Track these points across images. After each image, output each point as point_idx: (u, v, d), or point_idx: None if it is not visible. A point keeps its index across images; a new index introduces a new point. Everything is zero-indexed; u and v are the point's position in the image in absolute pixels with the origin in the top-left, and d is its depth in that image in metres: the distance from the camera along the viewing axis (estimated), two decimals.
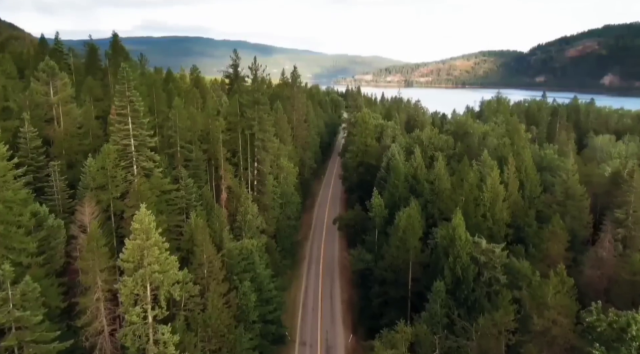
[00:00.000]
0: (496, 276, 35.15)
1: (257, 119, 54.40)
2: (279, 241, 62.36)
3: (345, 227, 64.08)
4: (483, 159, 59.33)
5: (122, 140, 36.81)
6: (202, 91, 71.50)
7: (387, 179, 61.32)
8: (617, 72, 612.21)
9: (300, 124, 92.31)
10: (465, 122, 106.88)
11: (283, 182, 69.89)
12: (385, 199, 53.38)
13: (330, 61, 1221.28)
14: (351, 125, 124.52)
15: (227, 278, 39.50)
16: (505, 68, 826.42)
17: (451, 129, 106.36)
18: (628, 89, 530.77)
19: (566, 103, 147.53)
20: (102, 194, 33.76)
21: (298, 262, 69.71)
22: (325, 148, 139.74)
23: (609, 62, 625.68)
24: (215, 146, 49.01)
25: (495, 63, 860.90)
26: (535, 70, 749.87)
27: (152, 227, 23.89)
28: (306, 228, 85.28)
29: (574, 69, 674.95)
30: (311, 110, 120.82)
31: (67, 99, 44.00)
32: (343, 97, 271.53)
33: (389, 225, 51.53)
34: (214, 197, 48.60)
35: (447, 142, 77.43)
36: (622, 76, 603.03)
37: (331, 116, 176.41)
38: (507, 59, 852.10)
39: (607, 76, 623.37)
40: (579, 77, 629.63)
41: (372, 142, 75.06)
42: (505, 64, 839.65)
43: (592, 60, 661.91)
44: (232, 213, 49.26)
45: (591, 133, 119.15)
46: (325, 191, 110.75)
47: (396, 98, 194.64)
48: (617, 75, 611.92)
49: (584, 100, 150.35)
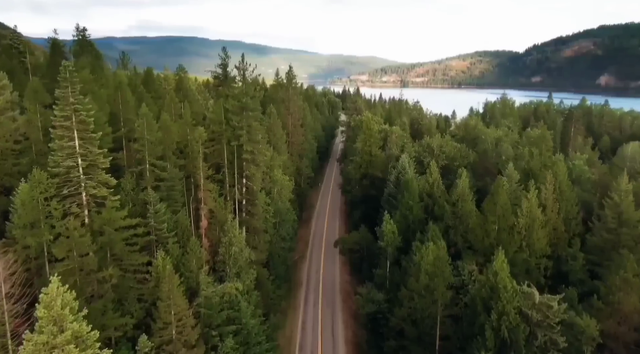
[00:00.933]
0: (553, 338, 26.95)
1: (246, 127, 45.72)
2: (272, 267, 53.77)
3: (349, 252, 55.44)
4: (508, 173, 51.08)
5: (65, 161, 28.05)
6: (186, 94, 62.71)
7: (396, 196, 52.89)
8: (613, 72, 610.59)
9: (296, 129, 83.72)
10: (475, 126, 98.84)
11: (277, 197, 61.29)
12: (397, 221, 44.92)
13: (325, 61, 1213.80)
14: (350, 128, 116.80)
15: (203, 335, 30.87)
16: (501, 68, 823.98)
17: (459, 134, 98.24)
18: (624, 89, 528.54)
19: (575, 104, 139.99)
20: (31, 236, 25.03)
21: (294, 289, 61.01)
22: (322, 152, 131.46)
23: (604, 63, 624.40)
24: (195, 161, 40.27)
25: (491, 63, 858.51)
26: (531, 70, 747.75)
27: (67, 314, 15.13)
28: (303, 245, 76.64)
29: (570, 69, 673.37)
30: (308, 113, 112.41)
31: (6, 106, 35.17)
32: (340, 98, 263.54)
33: (403, 254, 43.18)
34: (192, 223, 39.89)
35: (460, 151, 69.12)
36: (617, 76, 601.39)
37: (328, 118, 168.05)
38: (502, 59, 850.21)
39: (603, 76, 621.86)
40: (574, 77, 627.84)
41: (378, 151, 66.55)
42: (501, 64, 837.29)
43: (587, 60, 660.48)
44: (215, 243, 40.58)
45: (606, 137, 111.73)
46: (324, 201, 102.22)
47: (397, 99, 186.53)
48: (613, 76, 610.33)
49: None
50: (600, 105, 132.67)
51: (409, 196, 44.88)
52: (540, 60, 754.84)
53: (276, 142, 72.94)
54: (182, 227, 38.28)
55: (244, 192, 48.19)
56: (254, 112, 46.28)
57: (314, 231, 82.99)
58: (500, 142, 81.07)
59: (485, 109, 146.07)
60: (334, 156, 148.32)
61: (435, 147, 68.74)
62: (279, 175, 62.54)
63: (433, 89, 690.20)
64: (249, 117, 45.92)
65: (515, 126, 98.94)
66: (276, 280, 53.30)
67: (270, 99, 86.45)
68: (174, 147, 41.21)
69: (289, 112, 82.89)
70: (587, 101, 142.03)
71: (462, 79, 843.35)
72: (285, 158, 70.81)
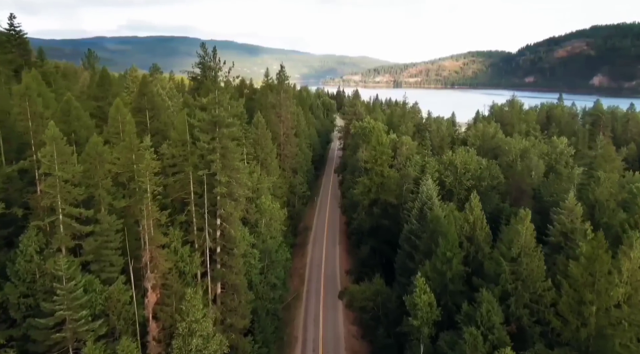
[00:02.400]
0: None
1: (219, 150, 32.68)
2: (257, 330, 40.71)
3: (359, 310, 42.42)
4: (569, 205, 38.45)
5: None
6: (151, 101, 49.16)
7: (419, 235, 40.19)
8: (607, 72, 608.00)
9: (289, 139, 70.69)
10: (494, 134, 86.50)
11: (265, 232, 48.22)
12: (430, 278, 32.21)
13: (317, 62, 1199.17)
14: (349, 135, 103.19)
15: None
16: (494, 68, 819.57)
17: (476, 143, 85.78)
18: (618, 90, 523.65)
19: (589, 107, 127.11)
20: None
21: (287, 349, 47.91)
22: (317, 161, 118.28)
23: (597, 63, 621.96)
24: (139, 204, 27.06)
25: (484, 63, 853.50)
26: (524, 70, 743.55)
27: None
28: (297, 281, 63.47)
29: (563, 70, 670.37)
30: (302, 119, 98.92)
31: None
32: (334, 99, 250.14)
33: (441, 330, 30.45)
34: (134, 299, 26.66)
35: (489, 170, 56.62)
36: (611, 77, 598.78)
37: (323, 121, 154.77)
38: (495, 59, 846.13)
39: (597, 77, 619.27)
40: (568, 77, 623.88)
41: (391, 171, 53.67)
42: (493, 64, 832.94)
43: (581, 60, 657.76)
44: (169, 326, 27.36)
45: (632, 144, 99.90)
46: (321, 220, 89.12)
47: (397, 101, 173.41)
48: (607, 76, 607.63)
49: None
50: (625, 109, 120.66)
51: (446, 244, 32.11)
52: (533, 61, 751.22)
53: (265, 158, 59.79)
54: (115, 309, 25.09)
55: (217, 238, 35.05)
56: (230, 128, 33.19)
57: (311, 261, 69.88)
58: (527, 155, 68.87)
59: (491, 112, 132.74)
60: (329, 163, 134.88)
61: (459, 165, 56.16)
62: (267, 203, 49.48)
63: (426, 90, 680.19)
64: (224, 135, 32.84)
65: (538, 133, 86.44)
66: (263, 347, 40.24)
67: (259, 104, 73.10)
68: (109, 184, 27.91)
69: (280, 119, 69.82)
70: (601, 104, 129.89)
71: (456, 80, 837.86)
72: (275, 179, 57.67)
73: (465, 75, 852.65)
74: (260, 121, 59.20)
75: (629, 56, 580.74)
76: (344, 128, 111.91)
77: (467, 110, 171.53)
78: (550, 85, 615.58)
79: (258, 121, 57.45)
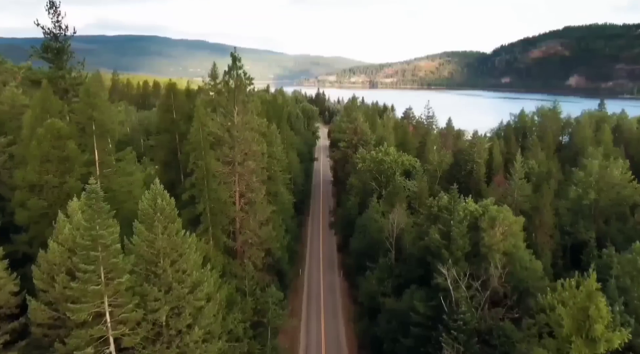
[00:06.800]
0: None
1: None
2: None
3: None
4: None
5: None
6: None
7: None
8: (583, 73, 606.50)
9: (256, 208, 39.56)
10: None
11: None
12: None
13: (292, 62, 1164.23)
14: (348, 163, 72.29)
15: None
16: (470, 69, 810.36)
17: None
18: (594, 90, 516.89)
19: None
20: None
21: None
22: (301, 196, 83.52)
23: (573, 64, 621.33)
24: None
25: (460, 64, 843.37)
26: (500, 71, 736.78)
27: None
28: None
29: (539, 70, 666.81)
30: (278, 141, 66.69)
31: None
32: (313, 103, 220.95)
33: None
34: None
35: None
36: (588, 77, 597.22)
37: (306, 136, 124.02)
38: (470, 59, 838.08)
39: (573, 77, 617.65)
40: (544, 78, 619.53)
41: None
42: (469, 64, 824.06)
43: (556, 61, 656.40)
44: None
45: None
46: (313, 284, 57.00)
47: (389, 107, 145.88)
48: (583, 77, 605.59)
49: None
50: None
51: None
52: (508, 61, 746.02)
53: None
54: None
55: None
56: None
57: None
58: None
59: (517, 122, 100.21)
60: (316, 195, 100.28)
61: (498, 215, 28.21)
62: None
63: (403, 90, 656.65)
64: None
65: (625, 164, 56.88)
66: None
67: (188, 143, 39.96)
68: None
69: (234, 169, 37.64)
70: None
71: (432, 80, 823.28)
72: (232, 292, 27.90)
73: (441, 75, 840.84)
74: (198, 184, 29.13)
75: (604, 57, 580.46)
76: (337, 155, 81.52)
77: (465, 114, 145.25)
78: (527, 85, 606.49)
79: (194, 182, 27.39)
